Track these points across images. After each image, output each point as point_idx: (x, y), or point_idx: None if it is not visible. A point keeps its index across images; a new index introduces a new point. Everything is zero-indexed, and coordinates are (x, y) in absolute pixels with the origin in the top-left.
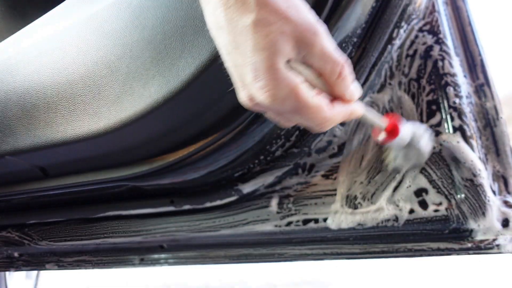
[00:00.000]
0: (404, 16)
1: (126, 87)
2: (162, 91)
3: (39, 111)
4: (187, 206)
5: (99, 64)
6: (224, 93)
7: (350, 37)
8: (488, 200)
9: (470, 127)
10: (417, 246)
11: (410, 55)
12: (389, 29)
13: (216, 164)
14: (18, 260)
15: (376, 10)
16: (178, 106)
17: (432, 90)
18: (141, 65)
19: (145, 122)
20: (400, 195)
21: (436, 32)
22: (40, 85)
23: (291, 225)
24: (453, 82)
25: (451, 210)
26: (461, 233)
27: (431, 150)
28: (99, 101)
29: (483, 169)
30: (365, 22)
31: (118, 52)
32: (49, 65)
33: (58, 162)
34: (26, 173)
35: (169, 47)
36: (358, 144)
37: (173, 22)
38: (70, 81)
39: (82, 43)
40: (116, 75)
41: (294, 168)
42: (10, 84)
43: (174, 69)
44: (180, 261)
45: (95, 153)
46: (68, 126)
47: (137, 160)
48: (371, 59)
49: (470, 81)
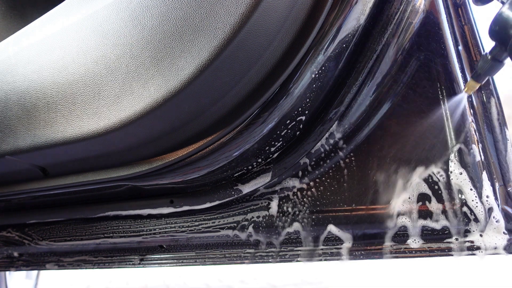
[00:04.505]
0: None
1: (126, 86)
2: (162, 90)
3: (39, 111)
4: (186, 206)
5: (98, 64)
6: (224, 92)
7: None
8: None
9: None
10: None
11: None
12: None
13: (216, 164)
14: (18, 260)
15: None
16: (177, 106)
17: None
18: (140, 64)
19: (145, 122)
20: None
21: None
22: (40, 84)
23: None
24: None
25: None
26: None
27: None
28: (99, 101)
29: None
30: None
31: (118, 51)
32: (49, 64)
33: (58, 162)
34: (26, 173)
35: (169, 46)
36: None
37: (173, 21)
38: (70, 80)
39: (82, 43)
40: (116, 74)
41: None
42: (10, 83)
43: (173, 69)
44: (180, 261)
45: (95, 153)
46: (68, 126)
47: (137, 160)
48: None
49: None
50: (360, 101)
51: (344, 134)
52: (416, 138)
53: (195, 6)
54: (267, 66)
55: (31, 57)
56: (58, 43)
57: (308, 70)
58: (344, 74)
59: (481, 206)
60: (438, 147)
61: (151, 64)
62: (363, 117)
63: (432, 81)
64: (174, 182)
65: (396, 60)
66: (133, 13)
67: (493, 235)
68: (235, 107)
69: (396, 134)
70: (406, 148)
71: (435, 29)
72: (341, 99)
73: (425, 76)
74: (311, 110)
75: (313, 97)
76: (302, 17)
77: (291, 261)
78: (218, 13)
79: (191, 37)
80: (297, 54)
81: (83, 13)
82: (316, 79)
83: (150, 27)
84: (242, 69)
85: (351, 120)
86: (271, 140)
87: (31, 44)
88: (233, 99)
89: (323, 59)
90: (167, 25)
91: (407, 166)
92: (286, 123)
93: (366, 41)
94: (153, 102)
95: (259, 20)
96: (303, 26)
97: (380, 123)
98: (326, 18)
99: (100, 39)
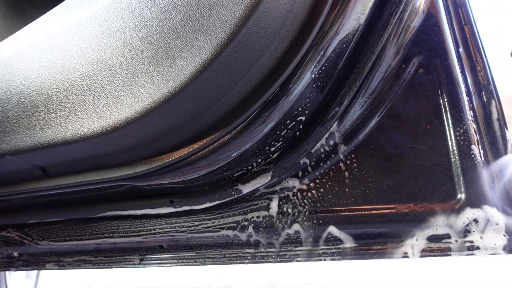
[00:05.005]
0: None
1: (126, 86)
2: (162, 90)
3: (39, 111)
4: (186, 206)
5: (98, 64)
6: (224, 92)
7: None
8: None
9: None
10: None
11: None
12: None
13: (216, 164)
14: (18, 260)
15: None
16: (177, 105)
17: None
18: (140, 64)
19: (145, 122)
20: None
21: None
22: (40, 84)
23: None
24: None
25: None
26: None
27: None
28: (99, 101)
29: None
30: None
31: (118, 51)
32: (49, 64)
33: (58, 162)
34: (26, 173)
35: (169, 46)
36: None
37: (173, 21)
38: (70, 80)
39: (82, 43)
40: (116, 74)
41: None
42: (10, 83)
43: (173, 69)
44: (180, 261)
45: (95, 153)
46: (68, 126)
47: (137, 160)
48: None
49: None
50: (360, 101)
51: (344, 134)
52: (416, 138)
53: (195, 6)
54: (267, 66)
55: (31, 57)
56: (58, 43)
57: (308, 70)
58: (344, 74)
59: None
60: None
61: (151, 64)
62: (363, 117)
63: (432, 81)
64: (174, 182)
65: (396, 60)
66: (133, 13)
67: (492, 236)
68: (235, 107)
69: (396, 134)
70: (406, 148)
71: (435, 29)
72: (341, 99)
73: (425, 76)
74: (311, 110)
75: (313, 97)
76: (302, 17)
77: (291, 261)
78: (218, 13)
79: (191, 37)
80: (297, 54)
81: (83, 13)
82: (316, 79)
83: (150, 27)
84: (242, 69)
85: (351, 120)
86: (271, 140)
87: (31, 44)
88: (233, 99)
89: (323, 59)
90: (167, 25)
91: (407, 165)
92: (286, 123)
93: (366, 41)
94: (153, 102)
95: (259, 20)
96: (303, 26)
97: (380, 123)
98: (326, 18)
99: (100, 39)
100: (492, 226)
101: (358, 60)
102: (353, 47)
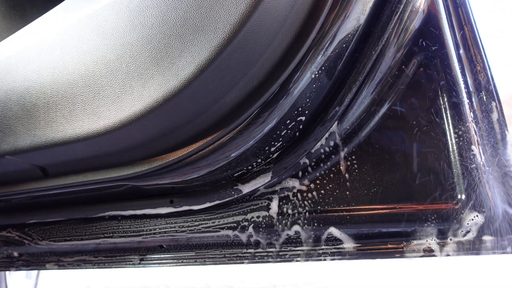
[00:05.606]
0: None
1: (126, 86)
2: (162, 90)
3: (39, 111)
4: (186, 206)
5: (98, 64)
6: (224, 92)
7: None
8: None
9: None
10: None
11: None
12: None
13: (216, 164)
14: (18, 260)
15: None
16: (177, 105)
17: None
18: (140, 64)
19: (145, 122)
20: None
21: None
22: (40, 84)
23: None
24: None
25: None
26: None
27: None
28: (99, 101)
29: None
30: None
31: (118, 51)
32: (49, 64)
33: (58, 162)
34: (26, 173)
35: (169, 46)
36: None
37: (173, 21)
38: (70, 80)
39: (82, 43)
40: (116, 74)
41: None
42: (10, 83)
43: (173, 69)
44: (180, 261)
45: (95, 153)
46: (68, 126)
47: (137, 160)
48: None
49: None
50: (360, 101)
51: (344, 134)
52: (416, 138)
53: (195, 6)
54: (267, 66)
55: (31, 57)
56: (58, 43)
57: (308, 70)
58: (344, 74)
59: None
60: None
61: (151, 64)
62: (363, 117)
63: (432, 81)
64: (174, 182)
65: (396, 60)
66: (133, 13)
67: (493, 236)
68: (235, 107)
69: (396, 134)
70: (406, 148)
71: (435, 29)
72: (341, 99)
73: (425, 76)
74: (311, 110)
75: (313, 97)
76: (302, 17)
77: (291, 261)
78: (218, 13)
79: (191, 37)
80: (297, 54)
81: (83, 13)
82: (316, 79)
83: (150, 27)
84: (242, 69)
85: (351, 120)
86: (271, 140)
87: (31, 44)
88: (233, 99)
89: (323, 59)
90: (167, 24)
91: (407, 166)
92: (286, 123)
93: (366, 41)
94: (153, 102)
95: (259, 20)
96: (303, 26)
97: (380, 123)
98: (326, 18)
99: (100, 39)
100: (493, 226)
101: (358, 60)
102: (353, 47)
